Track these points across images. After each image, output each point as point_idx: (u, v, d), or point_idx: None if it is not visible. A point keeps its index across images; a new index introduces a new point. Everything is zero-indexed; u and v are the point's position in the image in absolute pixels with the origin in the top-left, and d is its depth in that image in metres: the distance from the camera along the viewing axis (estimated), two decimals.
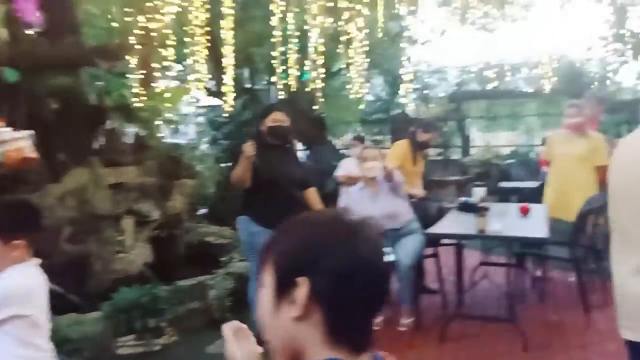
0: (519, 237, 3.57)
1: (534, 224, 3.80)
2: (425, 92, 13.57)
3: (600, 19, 10.95)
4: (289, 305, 0.86)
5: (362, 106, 11.50)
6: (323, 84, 6.37)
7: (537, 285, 4.59)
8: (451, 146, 12.64)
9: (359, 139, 5.52)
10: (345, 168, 5.45)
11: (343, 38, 5.41)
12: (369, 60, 5.99)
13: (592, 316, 3.92)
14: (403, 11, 9.94)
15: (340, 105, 11.58)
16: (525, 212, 4.17)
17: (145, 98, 4.75)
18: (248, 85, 10.38)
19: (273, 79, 6.29)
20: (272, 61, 5.58)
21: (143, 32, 4.55)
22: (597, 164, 4.53)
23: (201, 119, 11.19)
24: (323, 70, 5.58)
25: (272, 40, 5.34)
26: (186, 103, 10.38)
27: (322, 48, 5.25)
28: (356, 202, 4.00)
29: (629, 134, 1.84)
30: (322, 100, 10.46)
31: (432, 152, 12.60)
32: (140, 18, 4.55)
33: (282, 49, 5.41)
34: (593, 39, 11.38)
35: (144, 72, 4.80)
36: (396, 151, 4.83)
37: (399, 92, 13.27)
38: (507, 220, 3.91)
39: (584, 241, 4.29)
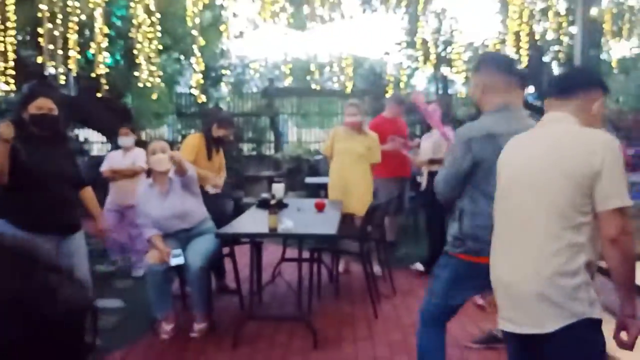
0: (308, 235, 3.59)
1: (326, 221, 3.85)
2: (239, 86, 13.47)
3: (397, 26, 11.92)
4: None
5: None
6: (128, 71, 5.79)
7: (334, 280, 4.72)
8: (265, 142, 12.73)
9: (129, 129, 5.02)
10: (110, 161, 5.02)
11: (135, 21, 4.95)
12: (161, 46, 5.57)
13: (380, 307, 4.12)
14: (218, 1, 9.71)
15: (149, 95, 10.90)
16: (320, 208, 4.24)
17: None
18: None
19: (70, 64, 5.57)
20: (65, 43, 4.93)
21: None
22: (372, 162, 4.93)
23: None
24: (108, 55, 5.02)
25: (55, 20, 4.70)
26: None
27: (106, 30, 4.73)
28: (144, 201, 3.67)
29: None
30: (130, 89, 9.79)
31: (247, 148, 12.58)
32: None
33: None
34: (390, 44, 12.32)
35: None
36: (188, 145, 4.59)
37: (215, 85, 13.03)
38: (302, 217, 3.93)
39: (374, 235, 4.53)
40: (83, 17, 4.99)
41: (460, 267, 2.29)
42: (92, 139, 11.79)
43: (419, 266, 5.04)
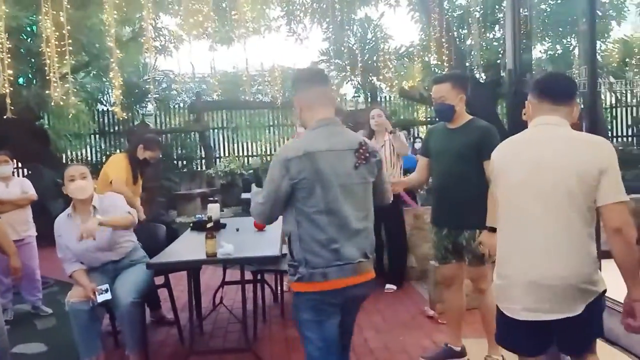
0: (251, 258, 3.33)
1: (268, 240, 3.62)
2: (165, 102, 12.98)
3: (321, 35, 11.91)
4: None
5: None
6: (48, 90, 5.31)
7: (280, 300, 4.50)
8: (195, 158, 12.32)
9: (8, 156, 4.58)
10: None
11: (44, 35, 4.56)
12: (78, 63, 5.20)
13: None
14: (133, 15, 9.28)
15: (67, 115, 10.25)
16: (260, 228, 4.00)
17: None
18: None
19: None
20: None
21: None
22: None
23: None
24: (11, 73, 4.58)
25: None
26: None
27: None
28: (63, 233, 3.30)
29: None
30: (46, 109, 9.14)
31: (179, 164, 12.11)
32: None
33: None
34: (316, 54, 12.32)
35: None
36: (116, 163, 4.25)
37: (140, 101, 12.48)
38: (241, 238, 3.68)
39: None
40: None
41: (305, 303, 2.14)
42: None
43: (391, 286, 4.86)
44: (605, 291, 2.00)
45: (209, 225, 3.18)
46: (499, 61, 10.66)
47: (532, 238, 1.97)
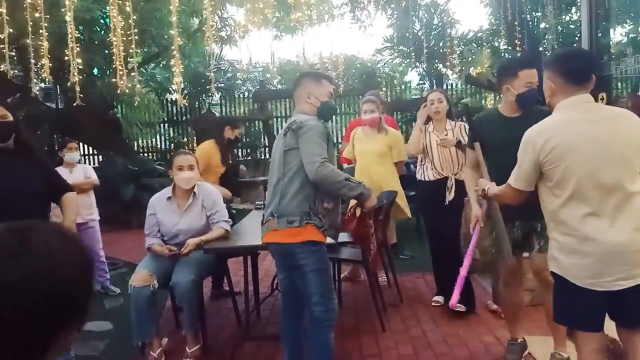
0: None
1: None
2: (230, 91, 13.23)
3: (386, 22, 11.67)
4: None
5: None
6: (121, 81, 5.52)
7: (337, 289, 4.46)
8: (259, 146, 12.49)
9: (74, 142, 4.84)
10: None
11: (112, 25, 4.71)
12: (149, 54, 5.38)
13: (387, 318, 3.86)
14: (201, 7, 9.46)
15: (139, 104, 10.66)
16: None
17: None
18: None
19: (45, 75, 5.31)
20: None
21: None
22: (395, 160, 4.61)
23: None
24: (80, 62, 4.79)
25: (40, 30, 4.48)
26: None
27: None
28: (161, 213, 3.56)
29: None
30: (118, 99, 9.54)
31: (241, 153, 12.33)
32: None
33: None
34: (380, 41, 12.10)
35: None
36: (203, 152, 4.55)
37: (206, 91, 12.79)
38: None
39: (378, 238, 4.27)
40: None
41: None
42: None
43: (439, 298, 4.22)
44: None
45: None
46: (575, 44, 10.07)
47: (612, 209, 2.02)
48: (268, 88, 12.62)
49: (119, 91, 5.95)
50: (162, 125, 12.59)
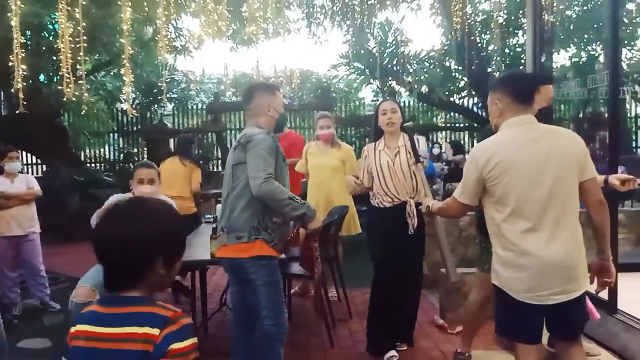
0: None
1: None
2: (184, 102, 13.07)
3: (342, 38, 11.83)
4: None
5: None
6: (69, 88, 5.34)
7: (286, 304, 4.43)
8: (212, 158, 12.34)
9: (15, 150, 4.64)
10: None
11: (61, 32, 4.57)
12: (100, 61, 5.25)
13: (335, 333, 3.86)
14: (155, 15, 9.33)
15: (88, 113, 10.35)
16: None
17: None
18: None
19: None
20: None
21: None
22: (348, 175, 4.61)
23: None
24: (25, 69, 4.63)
25: None
26: None
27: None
28: None
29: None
30: (66, 106, 9.24)
31: None
32: None
33: None
34: (335, 57, 12.25)
35: None
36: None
37: (158, 101, 12.57)
38: None
39: (327, 253, 4.28)
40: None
41: None
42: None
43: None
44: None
45: (215, 225, 3.13)
46: (521, 67, 10.49)
47: (549, 224, 2.09)
48: (222, 100, 12.53)
49: (65, 99, 5.77)
50: (111, 135, 12.28)
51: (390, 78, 12.14)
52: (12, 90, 4.97)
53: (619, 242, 3.08)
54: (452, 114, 12.03)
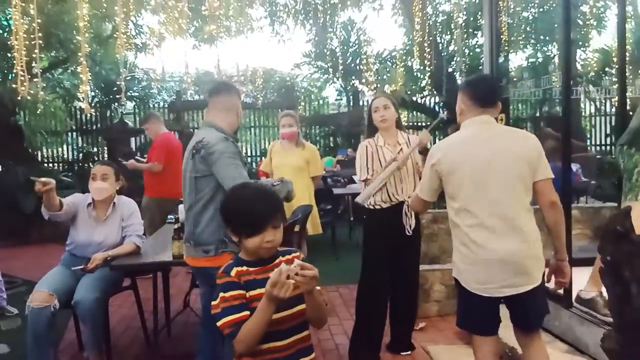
0: None
1: None
2: (145, 100, 12.83)
3: (305, 37, 11.84)
4: None
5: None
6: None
7: None
8: None
9: None
10: None
11: (14, 28, 4.44)
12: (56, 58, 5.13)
13: None
14: (114, 12, 9.14)
15: (45, 112, 10.04)
16: None
17: None
18: None
19: None
20: None
21: None
22: (312, 175, 4.68)
23: None
24: None
25: None
26: None
27: None
28: (79, 218, 3.40)
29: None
30: (21, 104, 8.94)
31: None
32: None
33: None
34: (299, 56, 12.27)
35: None
36: None
37: (118, 99, 12.29)
38: None
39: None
40: None
41: None
42: None
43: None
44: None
45: (177, 226, 3.10)
46: (481, 67, 10.73)
47: (500, 220, 2.16)
48: (184, 98, 12.36)
49: (20, 97, 5.60)
50: (70, 134, 11.94)
51: (353, 77, 12.23)
52: None
53: (575, 237, 3.19)
54: (414, 113, 12.20)
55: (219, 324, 1.65)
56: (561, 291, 3.03)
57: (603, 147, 12.67)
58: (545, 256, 2.26)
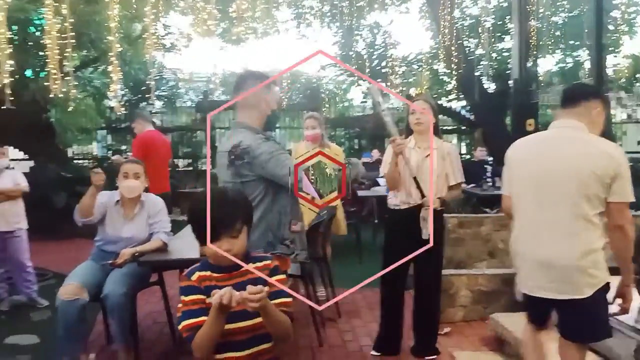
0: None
1: None
2: (172, 99, 13.00)
3: (331, 39, 11.88)
4: None
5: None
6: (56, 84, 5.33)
7: None
8: (201, 156, 12.30)
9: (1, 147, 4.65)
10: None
11: (47, 28, 4.55)
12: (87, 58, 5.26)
13: (324, 333, 3.88)
14: (143, 13, 9.30)
15: (76, 110, 10.26)
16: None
17: None
18: None
19: None
20: None
21: None
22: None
23: None
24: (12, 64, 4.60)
25: None
26: None
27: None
28: (109, 215, 3.46)
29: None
30: (52, 102, 9.16)
31: (182, 163, 12.11)
32: None
33: None
34: (325, 58, 12.33)
35: None
36: None
37: (146, 98, 12.49)
38: None
39: (316, 253, 4.31)
40: None
41: None
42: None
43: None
44: (608, 283, 2.19)
45: None
46: (508, 72, 10.62)
47: (547, 224, 2.19)
48: (211, 99, 12.50)
49: (52, 95, 5.75)
50: (100, 132, 12.19)
51: (379, 80, 12.21)
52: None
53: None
54: (440, 116, 12.14)
55: (179, 327, 1.66)
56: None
57: (635, 155, 12.40)
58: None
